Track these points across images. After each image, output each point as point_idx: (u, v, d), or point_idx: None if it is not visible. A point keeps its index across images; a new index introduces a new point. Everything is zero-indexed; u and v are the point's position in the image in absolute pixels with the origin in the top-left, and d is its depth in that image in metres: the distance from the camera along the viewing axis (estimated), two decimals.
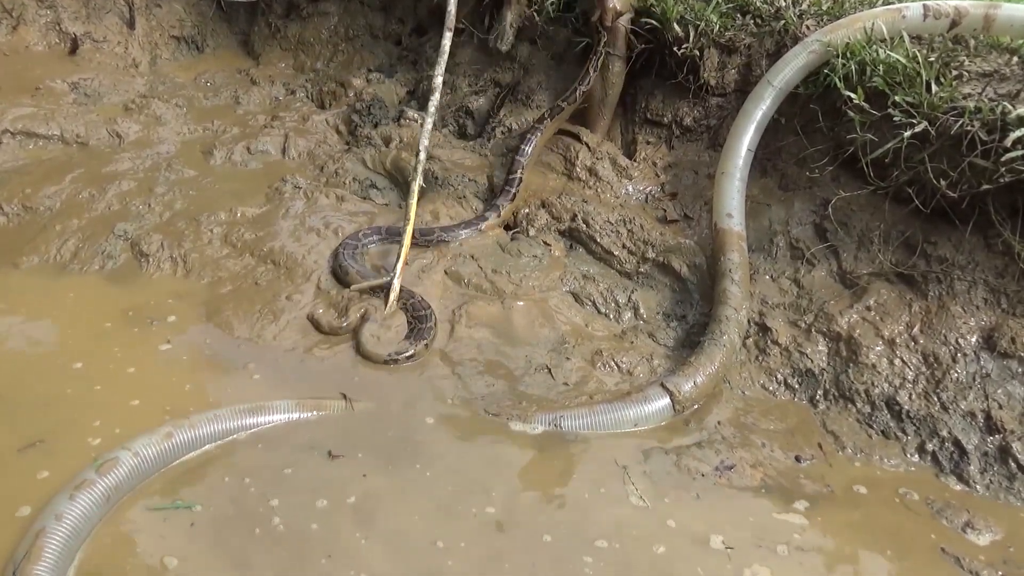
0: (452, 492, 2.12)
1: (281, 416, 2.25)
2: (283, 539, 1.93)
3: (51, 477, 2.00)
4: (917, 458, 2.46)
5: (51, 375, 2.42)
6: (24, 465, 2.06)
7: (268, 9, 4.88)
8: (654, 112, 3.57)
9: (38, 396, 2.32)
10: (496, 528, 2.03)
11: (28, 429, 2.17)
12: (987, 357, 2.53)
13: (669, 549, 2.02)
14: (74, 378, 2.41)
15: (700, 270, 3.01)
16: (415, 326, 2.72)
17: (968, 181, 2.53)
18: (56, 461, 2.06)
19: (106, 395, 2.35)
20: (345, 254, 2.98)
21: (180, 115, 4.10)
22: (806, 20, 3.24)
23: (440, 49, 3.18)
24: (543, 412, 2.43)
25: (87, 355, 2.51)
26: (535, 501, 2.13)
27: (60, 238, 3.05)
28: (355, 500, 2.06)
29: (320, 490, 2.07)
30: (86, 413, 2.25)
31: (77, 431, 2.17)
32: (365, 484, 2.11)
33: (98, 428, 2.18)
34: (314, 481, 2.10)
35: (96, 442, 2.13)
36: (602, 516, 2.10)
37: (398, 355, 2.61)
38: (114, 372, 2.45)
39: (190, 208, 3.28)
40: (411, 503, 2.07)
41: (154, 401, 2.32)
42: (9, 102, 3.83)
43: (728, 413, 2.58)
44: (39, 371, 2.44)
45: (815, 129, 3.04)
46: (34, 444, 2.11)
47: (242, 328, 2.70)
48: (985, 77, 2.73)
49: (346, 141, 3.96)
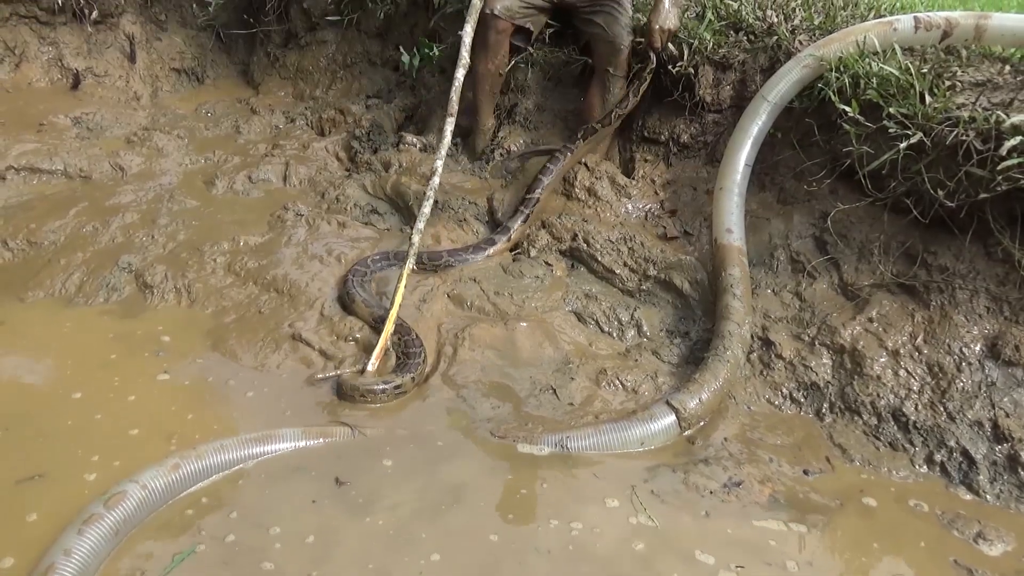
0: (459, 512, 2.12)
1: (288, 444, 2.25)
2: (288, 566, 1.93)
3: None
4: (926, 469, 2.45)
5: (54, 406, 2.42)
6: (14, 505, 2.04)
7: (267, 39, 4.95)
8: (651, 130, 3.60)
9: (40, 428, 2.32)
10: (507, 548, 2.03)
11: (28, 462, 2.17)
12: (991, 365, 2.52)
13: (678, 569, 2.01)
14: (76, 409, 2.41)
15: (702, 286, 3.02)
16: (403, 361, 2.66)
17: (965, 190, 2.54)
18: (51, 497, 2.05)
19: (107, 425, 2.34)
20: (354, 281, 2.96)
21: (182, 146, 4.14)
22: (799, 35, 3.28)
23: (441, 134, 3.14)
24: (549, 433, 2.43)
25: (90, 386, 2.51)
26: (542, 520, 2.12)
27: (65, 272, 3.07)
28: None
29: (324, 519, 2.07)
30: (86, 444, 2.25)
31: (76, 464, 2.17)
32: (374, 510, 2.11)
33: (96, 462, 2.18)
34: (319, 509, 2.10)
35: (92, 477, 2.12)
36: (610, 535, 2.09)
37: (381, 386, 2.52)
38: (115, 402, 2.45)
39: (193, 238, 3.30)
40: (412, 529, 2.07)
41: (156, 431, 2.32)
42: (13, 138, 3.87)
43: (734, 429, 2.57)
44: (42, 402, 2.44)
45: (812, 142, 3.06)
46: (32, 478, 2.11)
47: (246, 356, 2.70)
48: (978, 87, 2.75)
49: (346, 167, 3.99)
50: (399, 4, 4.38)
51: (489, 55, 3.57)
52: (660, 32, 3.28)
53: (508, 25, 3.53)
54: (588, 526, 2.11)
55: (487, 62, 3.59)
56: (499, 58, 3.62)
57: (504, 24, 3.51)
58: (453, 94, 3.17)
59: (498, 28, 3.50)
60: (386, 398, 2.52)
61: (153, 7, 4.88)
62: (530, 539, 2.06)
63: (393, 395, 2.53)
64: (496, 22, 3.47)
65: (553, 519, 2.12)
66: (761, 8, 3.54)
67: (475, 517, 2.12)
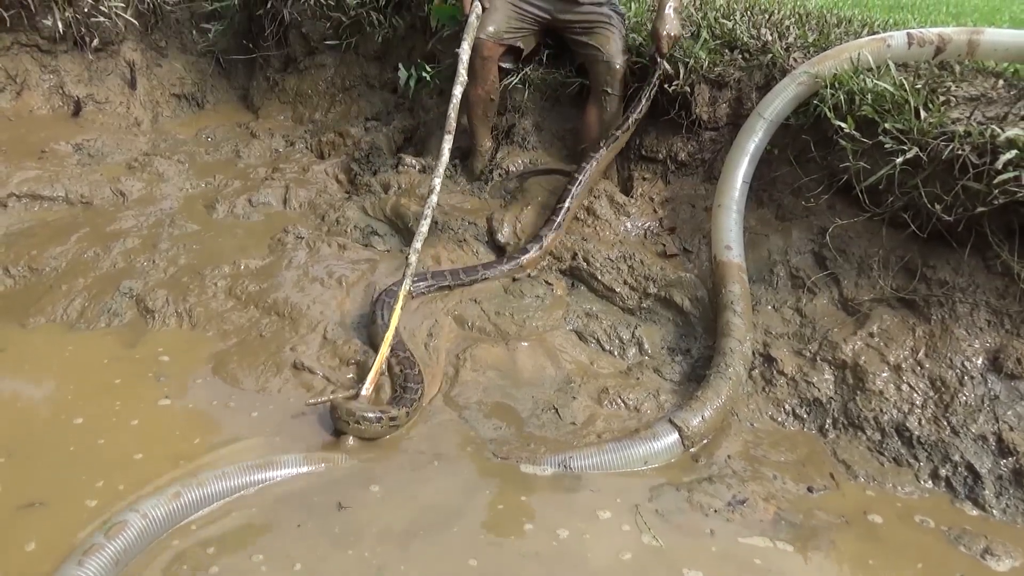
0: (460, 533, 2.11)
1: (289, 470, 2.24)
2: None
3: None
4: (931, 484, 2.44)
5: (56, 431, 2.42)
6: (14, 533, 2.03)
7: (266, 64, 4.99)
8: (649, 148, 3.62)
9: (41, 454, 2.32)
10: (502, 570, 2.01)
11: (29, 489, 2.17)
12: (994, 379, 2.52)
13: None
14: (77, 434, 2.40)
15: (702, 303, 3.02)
16: (399, 395, 2.57)
17: (962, 204, 2.55)
18: (51, 525, 2.05)
19: (109, 451, 2.34)
20: (381, 304, 2.90)
21: (182, 171, 4.16)
22: (793, 53, 3.31)
23: (439, 153, 3.10)
24: (552, 453, 2.42)
25: (91, 411, 2.51)
26: (546, 540, 2.11)
27: (66, 298, 3.08)
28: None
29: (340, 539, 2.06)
30: (87, 470, 2.25)
31: (78, 490, 2.16)
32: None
33: (101, 488, 2.17)
34: (329, 533, 2.09)
35: (94, 503, 2.12)
36: (615, 556, 2.08)
37: (376, 415, 2.43)
38: (117, 427, 2.45)
39: (194, 262, 3.31)
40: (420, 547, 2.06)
41: (158, 456, 2.32)
42: (15, 166, 3.89)
43: (738, 446, 2.56)
44: (44, 428, 2.44)
45: (808, 159, 3.08)
46: (32, 505, 2.10)
47: (248, 380, 2.70)
48: (972, 101, 2.77)
49: (346, 190, 4.01)
50: (397, 28, 4.42)
51: (478, 80, 3.57)
52: (667, 38, 3.30)
53: (495, 47, 3.54)
54: (593, 545, 2.10)
55: (476, 87, 3.59)
56: (488, 83, 3.62)
57: (491, 47, 3.52)
58: (451, 111, 3.19)
59: (483, 53, 3.49)
60: (380, 428, 2.43)
61: (153, 34, 4.93)
62: (531, 556, 2.05)
63: (388, 426, 2.44)
64: (482, 46, 3.48)
65: (556, 538, 2.11)
66: (755, 26, 3.57)
67: (469, 539, 2.10)
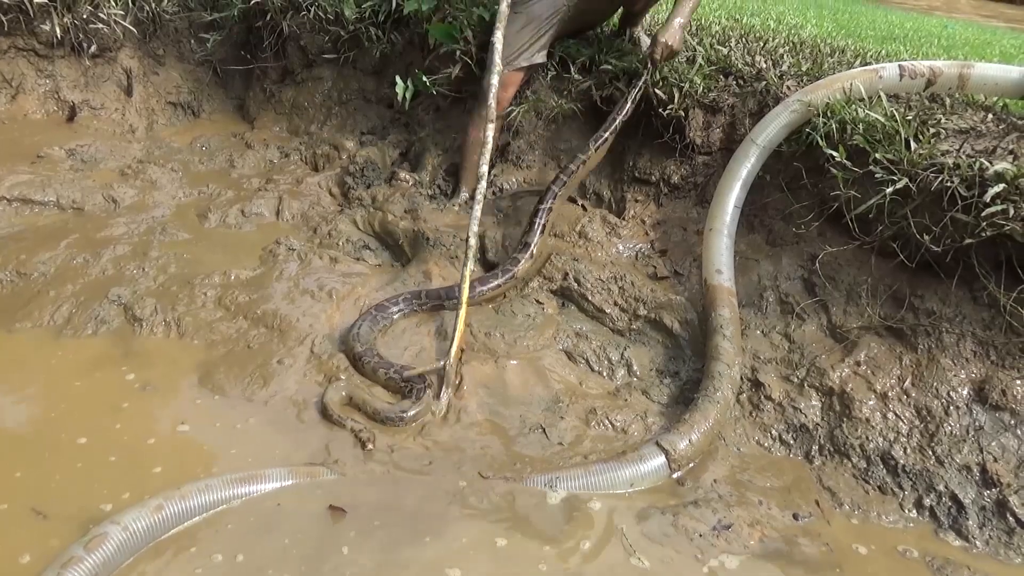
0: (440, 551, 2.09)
1: (275, 484, 2.22)
2: None
3: None
4: (915, 514, 2.44)
5: (40, 441, 2.39)
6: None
7: (263, 75, 4.99)
8: (642, 171, 3.64)
9: (24, 461, 2.30)
10: None
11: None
12: (979, 409, 2.53)
13: None
14: (62, 443, 2.38)
15: (692, 326, 3.03)
16: (411, 391, 2.70)
17: (951, 235, 2.57)
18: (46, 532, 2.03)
19: (90, 459, 2.32)
20: (368, 316, 2.96)
21: (175, 179, 4.15)
22: (787, 81, 3.34)
23: (480, 161, 3.16)
24: (538, 474, 2.41)
25: (76, 420, 2.49)
26: (533, 563, 2.10)
27: (54, 303, 3.05)
28: None
29: (324, 550, 2.04)
30: (72, 476, 2.23)
31: (79, 498, 2.15)
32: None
33: (80, 492, 2.16)
34: (319, 542, 2.07)
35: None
36: None
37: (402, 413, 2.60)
38: (105, 437, 2.43)
39: (184, 271, 3.29)
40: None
41: (139, 467, 2.30)
42: (7, 169, 3.87)
43: (724, 471, 2.56)
44: (26, 437, 2.41)
45: (800, 186, 3.10)
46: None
47: (234, 391, 2.69)
48: (962, 134, 2.81)
49: (339, 203, 4.01)
50: (395, 44, 4.44)
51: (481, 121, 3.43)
52: (664, 46, 3.29)
53: (518, 75, 3.57)
54: (579, 568, 2.09)
55: (476, 130, 3.57)
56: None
57: (515, 75, 3.54)
58: (491, 100, 3.20)
59: (506, 84, 3.50)
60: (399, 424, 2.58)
61: (151, 42, 4.92)
62: None
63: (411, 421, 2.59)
64: (507, 75, 3.46)
65: (542, 562, 2.10)
66: (750, 54, 3.62)
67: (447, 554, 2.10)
